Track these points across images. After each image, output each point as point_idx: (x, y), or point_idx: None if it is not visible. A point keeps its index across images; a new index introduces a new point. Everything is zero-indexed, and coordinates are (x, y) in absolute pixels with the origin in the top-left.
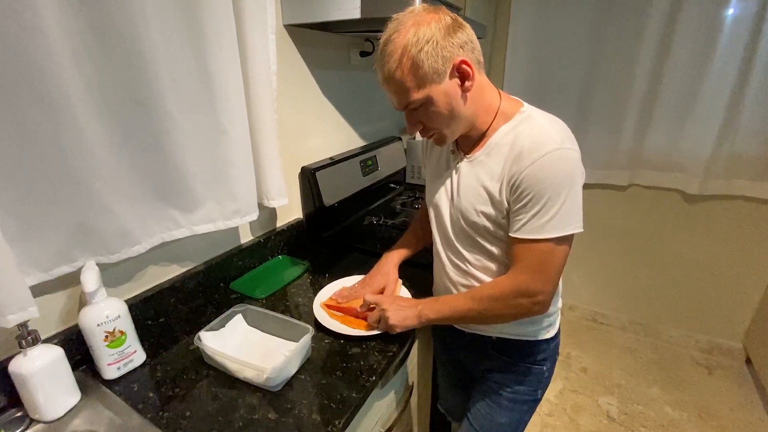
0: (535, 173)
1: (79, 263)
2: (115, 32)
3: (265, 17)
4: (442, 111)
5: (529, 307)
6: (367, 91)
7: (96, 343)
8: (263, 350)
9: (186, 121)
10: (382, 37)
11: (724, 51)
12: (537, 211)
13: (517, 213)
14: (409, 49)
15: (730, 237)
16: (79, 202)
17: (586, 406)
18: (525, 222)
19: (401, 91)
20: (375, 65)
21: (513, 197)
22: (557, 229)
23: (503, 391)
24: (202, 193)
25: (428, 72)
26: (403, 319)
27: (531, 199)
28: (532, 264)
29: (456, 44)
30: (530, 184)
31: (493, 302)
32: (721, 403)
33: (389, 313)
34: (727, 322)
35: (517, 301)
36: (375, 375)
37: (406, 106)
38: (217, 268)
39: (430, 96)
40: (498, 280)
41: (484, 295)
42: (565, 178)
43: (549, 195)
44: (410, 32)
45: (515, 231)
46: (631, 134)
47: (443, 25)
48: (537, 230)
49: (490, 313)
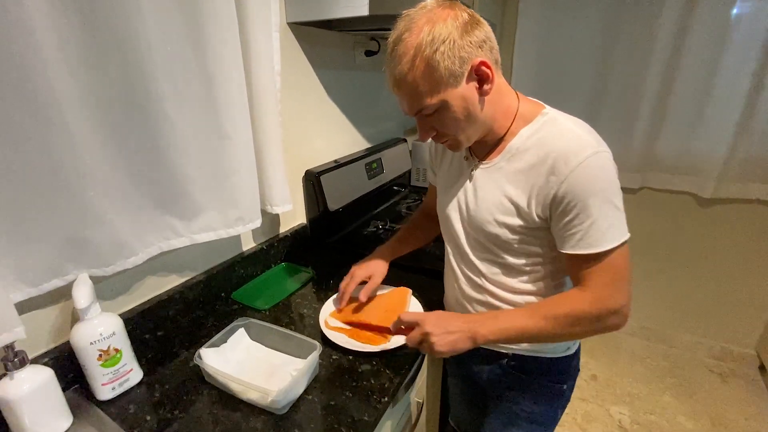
0: (577, 181)
1: (70, 277)
2: (109, 29)
3: (268, 14)
4: (458, 116)
5: (617, 323)
6: (372, 91)
7: (89, 363)
8: (267, 367)
9: (186, 125)
10: (391, 36)
11: (739, 51)
12: (592, 222)
13: (567, 227)
14: (423, 49)
15: (743, 241)
16: (70, 212)
17: (598, 416)
18: (582, 235)
19: (413, 95)
20: (384, 67)
21: (556, 212)
22: (619, 235)
23: (520, 410)
24: (202, 201)
25: (444, 75)
26: (452, 344)
27: (580, 210)
28: (607, 278)
29: (474, 43)
30: (575, 195)
31: (572, 322)
32: (736, 413)
33: (434, 338)
34: (740, 328)
35: (603, 319)
36: (387, 395)
37: (418, 112)
38: (218, 278)
39: (445, 101)
40: (573, 297)
41: (560, 314)
42: (611, 181)
43: (599, 202)
44: (424, 30)
45: (573, 246)
46: (643, 136)
47: (461, 23)
48: (600, 241)
49: (567, 332)
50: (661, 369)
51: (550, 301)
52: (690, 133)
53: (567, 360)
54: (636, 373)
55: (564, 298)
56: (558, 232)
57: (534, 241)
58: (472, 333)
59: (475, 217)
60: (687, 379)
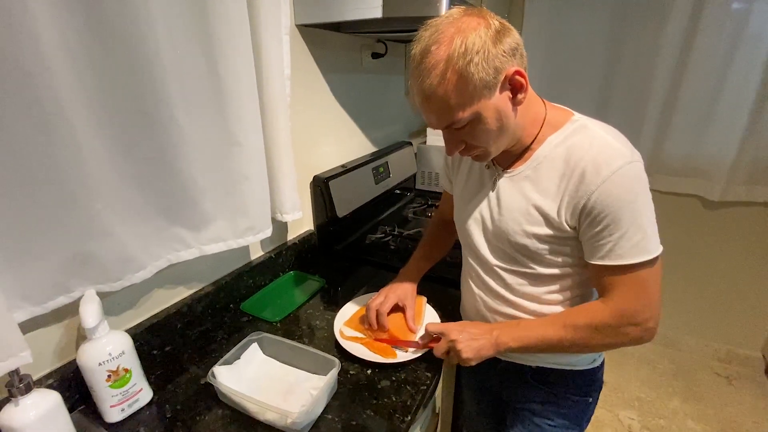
0: (609, 192)
1: (77, 294)
2: (116, 33)
3: (279, 16)
4: (491, 128)
5: (639, 336)
6: (378, 94)
7: (97, 384)
8: (283, 385)
9: (195, 132)
10: (415, 47)
11: (748, 53)
12: (623, 234)
13: (596, 238)
14: (455, 61)
15: (750, 244)
16: (76, 226)
17: (607, 422)
18: (612, 247)
19: (444, 109)
20: (409, 80)
21: (585, 222)
22: (649, 250)
23: (544, 424)
24: (212, 210)
25: (478, 86)
26: (477, 350)
27: (611, 221)
28: (632, 291)
29: (507, 52)
30: (606, 205)
31: (593, 332)
32: (744, 416)
33: (461, 345)
34: (745, 330)
35: (624, 331)
36: (410, 414)
37: (448, 126)
38: (226, 289)
39: (478, 113)
40: (592, 308)
41: (580, 323)
42: (644, 194)
43: (631, 214)
44: (456, 41)
45: (601, 258)
46: (650, 138)
47: (493, 31)
48: (629, 254)
49: (588, 343)
50: (669, 372)
51: (572, 310)
52: (697, 135)
53: (592, 372)
54: (643, 377)
55: (585, 309)
56: (587, 242)
57: (564, 250)
58: (495, 340)
59: (500, 227)
60: (694, 382)
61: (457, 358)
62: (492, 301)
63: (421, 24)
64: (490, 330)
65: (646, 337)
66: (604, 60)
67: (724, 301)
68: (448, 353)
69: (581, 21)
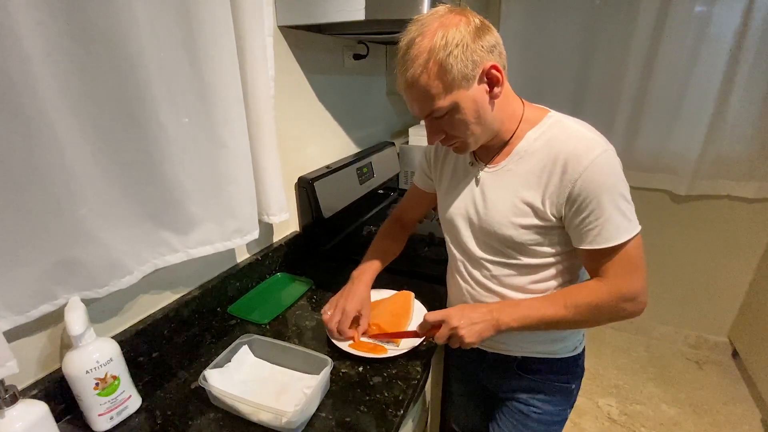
0: (590, 179)
1: (61, 301)
2: (99, 35)
3: (262, 17)
4: (469, 119)
5: (633, 310)
6: (361, 95)
7: (85, 392)
8: (276, 386)
9: (181, 134)
10: (402, 39)
11: (711, 53)
12: (607, 217)
13: (583, 224)
14: (436, 52)
15: (715, 235)
16: (60, 232)
17: (588, 409)
18: (599, 231)
19: (425, 97)
20: (395, 70)
21: (571, 210)
22: (632, 228)
23: (531, 412)
24: (199, 213)
25: (457, 77)
26: (479, 334)
27: (595, 206)
28: (623, 269)
29: (486, 48)
30: (589, 192)
31: (592, 310)
32: (714, 398)
33: (463, 331)
34: (713, 317)
35: (621, 306)
36: (402, 408)
37: (429, 114)
38: (213, 292)
39: (456, 103)
40: (591, 287)
41: (580, 302)
42: (620, 178)
43: (610, 198)
44: (437, 35)
45: (591, 242)
46: (622, 136)
47: (473, 28)
48: (615, 235)
49: (585, 320)
50: (643, 359)
51: (570, 290)
52: (666, 133)
53: (574, 359)
54: (620, 365)
55: (583, 288)
56: (574, 229)
57: (548, 240)
58: (495, 321)
59: (487, 220)
60: (667, 368)
61: (459, 342)
62: (479, 293)
63: (403, 26)
64: (489, 311)
65: (638, 311)
66: (578, 61)
67: (693, 289)
68: (450, 338)
69: (555, 24)
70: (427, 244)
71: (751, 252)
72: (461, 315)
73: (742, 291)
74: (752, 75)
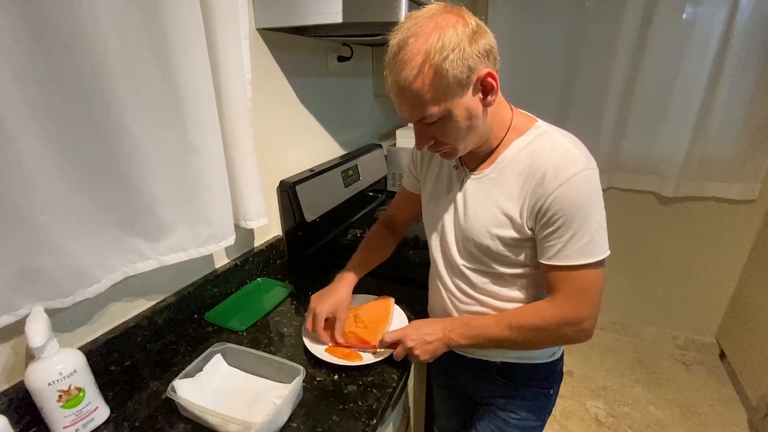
0: (564, 196)
1: (23, 311)
2: (60, 39)
3: (237, 19)
4: (461, 126)
5: (573, 336)
6: (346, 97)
7: (48, 405)
8: (248, 395)
9: (150, 140)
10: (393, 38)
11: (696, 55)
12: (572, 236)
13: (548, 238)
14: (432, 56)
15: (702, 237)
16: (21, 241)
17: (575, 411)
18: (560, 248)
19: (417, 103)
20: (385, 71)
21: (540, 222)
22: (595, 252)
23: (509, 418)
24: (171, 219)
25: (452, 84)
26: (432, 352)
27: (563, 223)
28: (574, 291)
29: (481, 53)
30: (560, 208)
31: (534, 332)
32: (701, 399)
33: (417, 350)
34: (700, 318)
35: (562, 331)
36: (376, 417)
37: (419, 120)
38: (190, 299)
39: (449, 110)
40: (538, 308)
41: (524, 324)
42: (596, 200)
43: (582, 218)
44: (433, 36)
45: (550, 258)
46: (609, 139)
47: (470, 30)
48: (575, 255)
49: (529, 342)
50: (631, 361)
51: (519, 310)
52: (652, 135)
53: (552, 365)
54: (608, 366)
55: (531, 309)
56: (540, 242)
57: (523, 252)
58: (447, 339)
59: (467, 228)
60: (655, 369)
61: (416, 360)
62: (458, 300)
63: (382, 28)
64: (443, 329)
65: (580, 338)
66: (565, 65)
67: (680, 291)
68: (407, 356)
69: (542, 26)
70: (412, 247)
71: (738, 253)
72: (416, 335)
73: (729, 292)
74: (737, 77)
